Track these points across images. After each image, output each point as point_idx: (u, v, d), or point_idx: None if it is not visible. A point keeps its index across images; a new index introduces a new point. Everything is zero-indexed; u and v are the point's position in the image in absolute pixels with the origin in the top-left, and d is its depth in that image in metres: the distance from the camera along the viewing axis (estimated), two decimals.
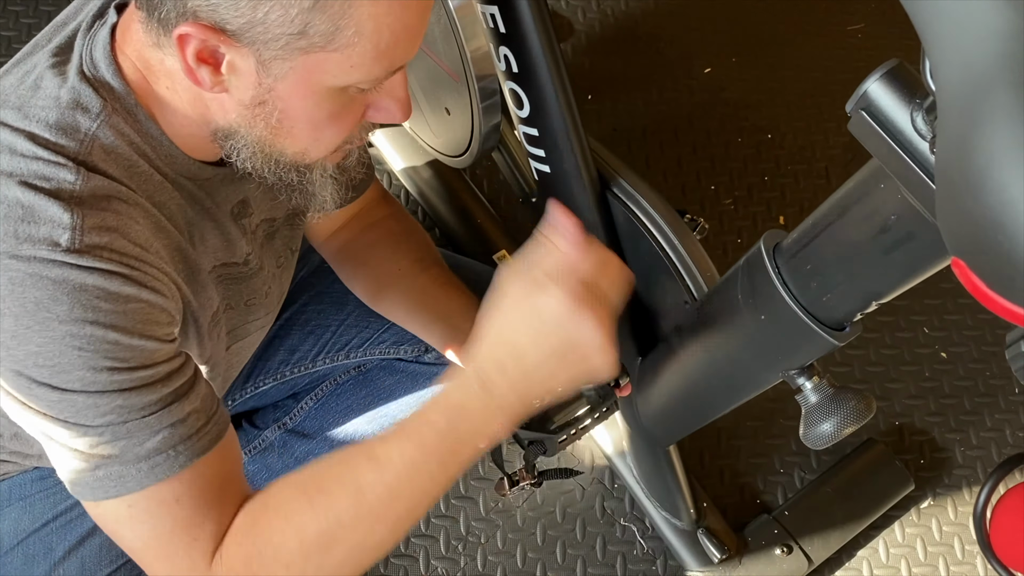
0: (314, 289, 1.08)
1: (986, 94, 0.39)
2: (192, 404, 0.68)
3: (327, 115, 0.65)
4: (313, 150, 0.69)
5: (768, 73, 1.65)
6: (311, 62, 0.61)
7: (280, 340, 1.08)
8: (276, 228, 0.87)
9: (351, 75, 0.62)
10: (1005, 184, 0.37)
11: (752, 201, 1.54)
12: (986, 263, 0.39)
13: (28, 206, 0.61)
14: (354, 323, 1.07)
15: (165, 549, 0.68)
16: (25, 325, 0.62)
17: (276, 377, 1.09)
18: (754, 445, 1.35)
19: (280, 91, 0.63)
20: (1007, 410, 1.40)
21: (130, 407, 0.65)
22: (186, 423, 0.67)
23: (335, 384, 1.11)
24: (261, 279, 0.87)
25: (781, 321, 0.69)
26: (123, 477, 0.66)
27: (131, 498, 0.66)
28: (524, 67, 0.85)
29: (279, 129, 0.66)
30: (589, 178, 0.94)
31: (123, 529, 0.69)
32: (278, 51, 0.60)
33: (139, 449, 0.65)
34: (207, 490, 0.68)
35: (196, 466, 0.67)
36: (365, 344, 1.07)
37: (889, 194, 0.54)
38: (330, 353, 1.08)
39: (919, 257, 0.56)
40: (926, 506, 1.32)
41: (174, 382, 0.67)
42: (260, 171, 0.70)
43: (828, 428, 0.72)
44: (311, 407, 1.11)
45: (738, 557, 1.22)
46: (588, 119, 1.59)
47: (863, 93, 0.51)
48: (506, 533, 1.27)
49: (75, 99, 0.65)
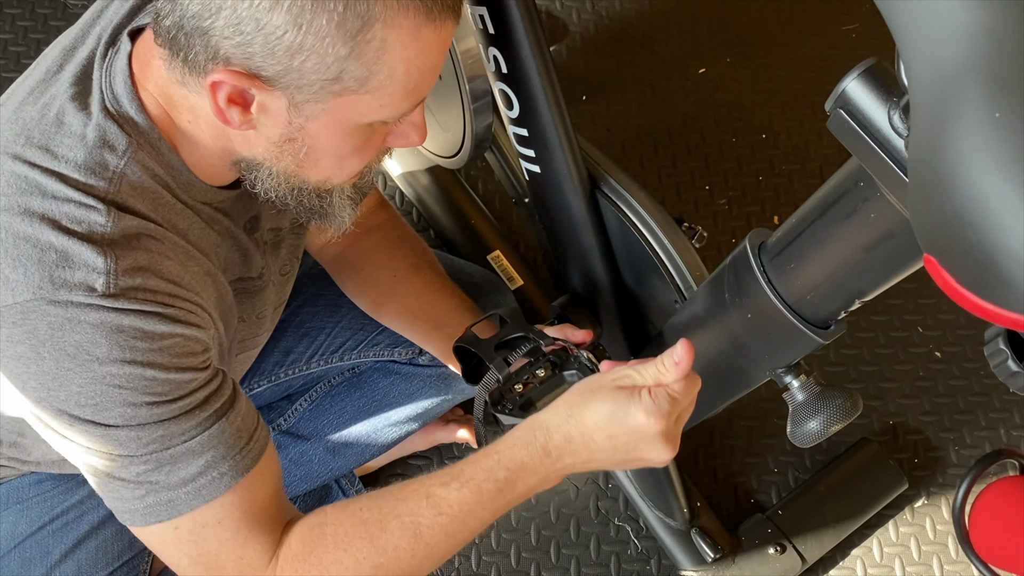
0: (308, 291, 1.08)
1: (956, 92, 0.39)
2: (233, 423, 0.69)
3: (353, 148, 0.67)
4: (335, 178, 0.70)
5: (762, 73, 1.65)
6: (343, 103, 0.62)
7: (274, 342, 1.08)
8: (282, 237, 0.87)
9: (381, 113, 0.64)
10: (974, 181, 0.37)
11: (746, 201, 1.54)
12: (956, 260, 0.39)
13: (62, 251, 0.62)
14: (348, 325, 1.08)
15: (212, 565, 0.70)
16: (66, 368, 0.63)
17: (270, 379, 1.09)
18: (748, 444, 1.35)
19: (310, 129, 0.64)
20: (1001, 409, 1.40)
21: (172, 434, 0.66)
22: (228, 443, 0.69)
23: (329, 386, 1.12)
24: (271, 291, 0.88)
25: (767, 319, 0.69)
26: (172, 502, 0.67)
27: (177, 521, 0.68)
28: (513, 68, 0.86)
29: (305, 162, 0.67)
30: (579, 178, 0.94)
31: (169, 549, 0.70)
32: (312, 95, 0.61)
33: (184, 473, 0.67)
34: (251, 508, 0.70)
35: (240, 485, 0.69)
36: (359, 346, 1.08)
37: (869, 192, 0.55)
38: (324, 355, 1.08)
39: (899, 255, 0.56)
40: (920, 505, 1.33)
41: (212, 404, 0.68)
42: (282, 199, 0.71)
43: (815, 426, 0.73)
44: (305, 408, 1.11)
45: (732, 556, 1.22)
46: (582, 120, 1.60)
47: (841, 92, 0.51)
48: (500, 533, 1.28)
49: (102, 136, 0.65)
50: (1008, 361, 0.50)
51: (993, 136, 0.37)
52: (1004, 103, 0.37)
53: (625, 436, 0.69)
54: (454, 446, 1.32)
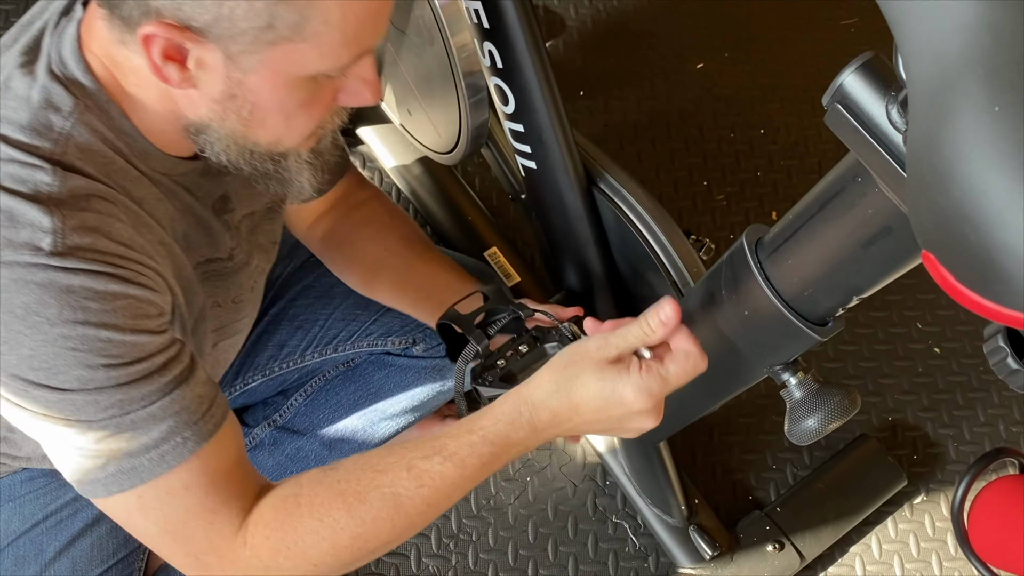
0: (301, 284, 1.08)
1: (955, 86, 0.38)
2: (193, 390, 0.68)
3: (298, 104, 0.65)
4: (286, 138, 0.69)
5: (761, 68, 1.65)
6: (279, 53, 0.60)
7: (268, 336, 1.07)
8: (257, 221, 0.86)
9: (320, 63, 0.62)
10: (972, 176, 0.37)
11: (745, 197, 1.53)
12: (954, 256, 0.39)
13: (7, 211, 0.61)
14: (341, 316, 1.07)
15: (181, 533, 0.68)
16: (16, 330, 0.62)
17: (265, 373, 1.09)
18: (746, 441, 1.35)
19: (250, 84, 0.62)
20: (1000, 405, 1.39)
21: (130, 399, 0.65)
22: (189, 409, 0.67)
23: (324, 380, 1.11)
24: (247, 274, 0.87)
25: (763, 316, 0.69)
26: (135, 469, 0.66)
27: (141, 489, 0.67)
28: (508, 63, 0.85)
29: (251, 121, 0.65)
30: (575, 174, 0.93)
31: (135, 520, 0.69)
32: (246, 45, 0.59)
33: (145, 439, 0.65)
34: (217, 474, 0.69)
35: (203, 451, 0.68)
36: (353, 337, 1.07)
37: (866, 188, 0.54)
38: (318, 348, 1.08)
39: (897, 251, 0.55)
40: (919, 502, 1.32)
41: (172, 370, 0.67)
42: (235, 163, 0.69)
43: (813, 424, 0.72)
44: (300, 403, 1.11)
45: (730, 554, 1.21)
46: (580, 115, 1.59)
47: (838, 86, 0.51)
48: (497, 530, 1.27)
49: (46, 98, 0.64)
50: (1008, 359, 0.49)
51: (992, 130, 0.36)
52: (1004, 97, 0.37)
53: (611, 410, 0.68)
54: None
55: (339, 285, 1.07)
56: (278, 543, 0.68)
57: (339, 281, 1.07)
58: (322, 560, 0.69)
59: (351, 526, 0.68)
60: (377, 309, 1.07)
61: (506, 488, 1.30)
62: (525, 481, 1.30)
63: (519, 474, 1.31)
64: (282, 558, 0.68)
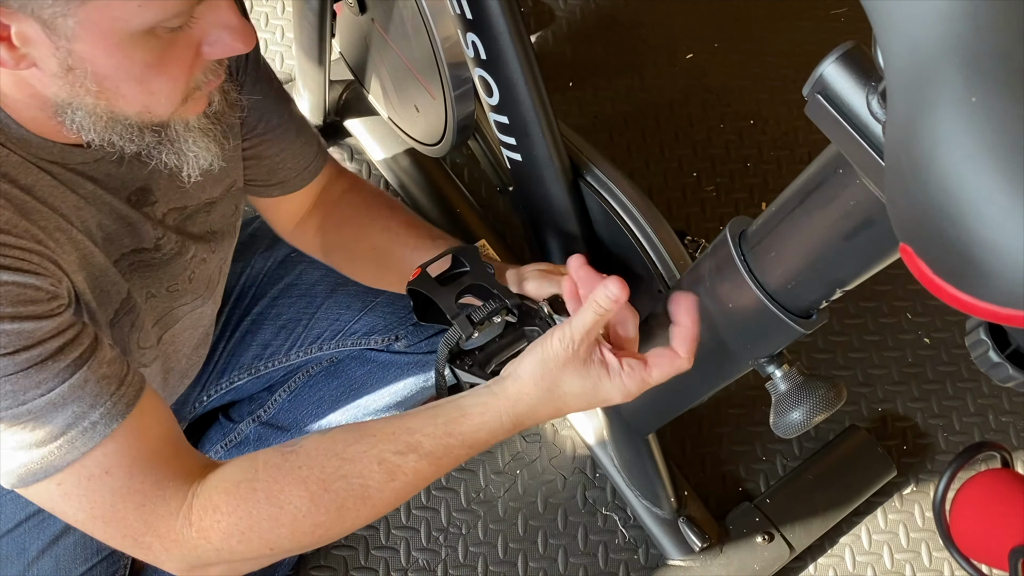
0: (282, 281, 1.07)
1: (932, 76, 0.38)
2: (97, 371, 0.65)
3: (144, 65, 0.60)
4: (155, 106, 0.64)
5: (750, 59, 1.64)
6: (93, 11, 0.56)
7: (252, 335, 1.07)
8: (189, 215, 0.83)
9: (145, 14, 0.57)
10: (950, 168, 0.36)
11: (735, 188, 1.53)
12: (932, 250, 0.38)
13: None
14: (324, 316, 1.07)
15: (112, 518, 0.66)
16: None
17: (250, 372, 1.08)
18: (736, 433, 1.35)
19: (80, 52, 0.58)
20: (990, 395, 1.39)
21: (23, 388, 0.62)
22: (94, 392, 0.64)
23: (307, 376, 1.11)
24: (181, 264, 0.84)
25: (747, 309, 0.68)
26: (45, 459, 0.63)
27: (59, 477, 0.64)
28: (492, 54, 0.84)
29: (103, 92, 0.62)
30: (561, 166, 0.93)
31: (60, 507, 0.66)
32: (56, 9, 0.55)
33: (50, 428, 0.63)
34: (140, 454, 0.66)
35: (117, 432, 0.65)
36: (337, 336, 1.07)
37: (848, 179, 0.53)
38: (303, 346, 1.07)
39: (879, 243, 0.55)
40: (909, 492, 1.32)
41: (69, 354, 0.64)
42: (109, 140, 0.66)
43: (798, 417, 0.72)
44: (284, 399, 1.11)
45: (719, 545, 1.21)
46: (569, 107, 1.58)
47: (819, 76, 0.50)
48: (487, 523, 1.27)
49: None
50: (989, 352, 0.49)
51: (970, 121, 0.36)
52: (982, 87, 0.36)
53: (593, 399, 0.69)
54: None
55: (321, 283, 1.06)
56: (230, 528, 0.66)
57: (321, 278, 1.07)
58: (279, 544, 0.67)
59: (314, 514, 0.66)
60: (360, 308, 1.06)
61: (496, 481, 1.29)
62: (515, 474, 1.30)
63: (509, 467, 1.30)
64: (235, 542, 0.66)
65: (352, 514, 0.67)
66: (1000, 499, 0.54)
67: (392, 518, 1.26)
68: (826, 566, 1.27)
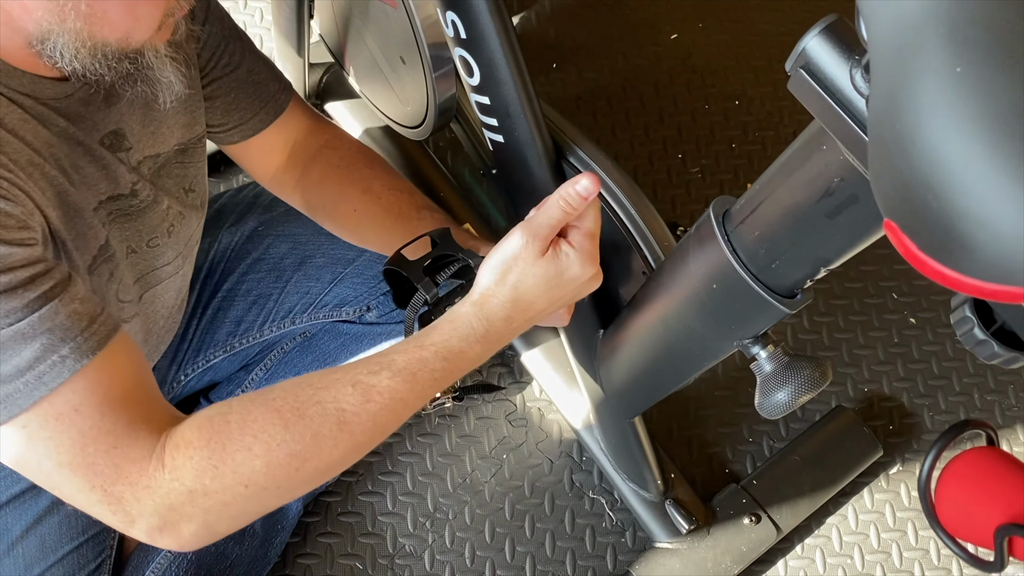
0: (251, 257, 1.07)
1: (916, 48, 0.37)
2: (68, 306, 0.63)
3: None
4: (135, 31, 0.65)
5: (735, 39, 1.63)
6: None
7: (224, 312, 1.07)
8: (162, 163, 0.83)
9: None
10: (934, 142, 0.35)
11: (720, 169, 1.52)
12: (916, 224, 0.37)
13: None
14: (294, 289, 1.06)
15: (81, 464, 0.62)
16: None
17: (226, 349, 1.08)
18: (722, 415, 1.34)
19: None
20: (976, 374, 1.39)
21: None
22: (64, 326, 0.62)
23: (282, 352, 1.11)
24: (158, 214, 0.83)
25: (732, 289, 0.68)
26: (11, 396, 0.60)
27: (24, 418, 0.61)
28: (472, 32, 0.83)
29: (92, 16, 0.62)
30: (544, 147, 0.91)
31: (26, 456, 0.63)
32: None
33: (17, 360, 0.60)
34: (111, 393, 0.63)
35: (88, 370, 0.62)
36: (308, 309, 1.07)
37: (832, 156, 0.53)
38: (275, 321, 1.07)
39: (863, 220, 0.54)
40: (895, 472, 1.32)
41: (39, 286, 0.62)
42: (90, 69, 0.65)
43: (783, 397, 0.71)
44: (262, 378, 1.10)
45: (706, 527, 1.21)
46: (553, 88, 1.57)
47: (801, 50, 0.49)
48: (474, 509, 1.26)
49: None
50: (974, 329, 0.48)
51: (954, 93, 0.35)
52: (965, 57, 0.35)
53: (563, 290, 0.71)
54: (426, 420, 1.31)
55: (288, 256, 1.06)
56: (203, 462, 0.63)
57: (288, 251, 1.06)
58: (254, 480, 0.64)
59: (288, 442, 0.63)
60: (329, 280, 1.06)
61: (482, 466, 1.29)
62: (501, 459, 1.29)
63: (495, 452, 1.30)
64: (208, 479, 0.63)
65: (329, 442, 0.64)
66: (985, 477, 0.53)
67: (378, 505, 1.25)
68: (813, 546, 1.27)
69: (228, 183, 1.46)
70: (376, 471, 1.27)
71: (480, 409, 1.32)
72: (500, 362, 1.35)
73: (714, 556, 1.20)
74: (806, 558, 1.26)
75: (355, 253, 1.07)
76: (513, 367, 1.35)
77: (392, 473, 1.28)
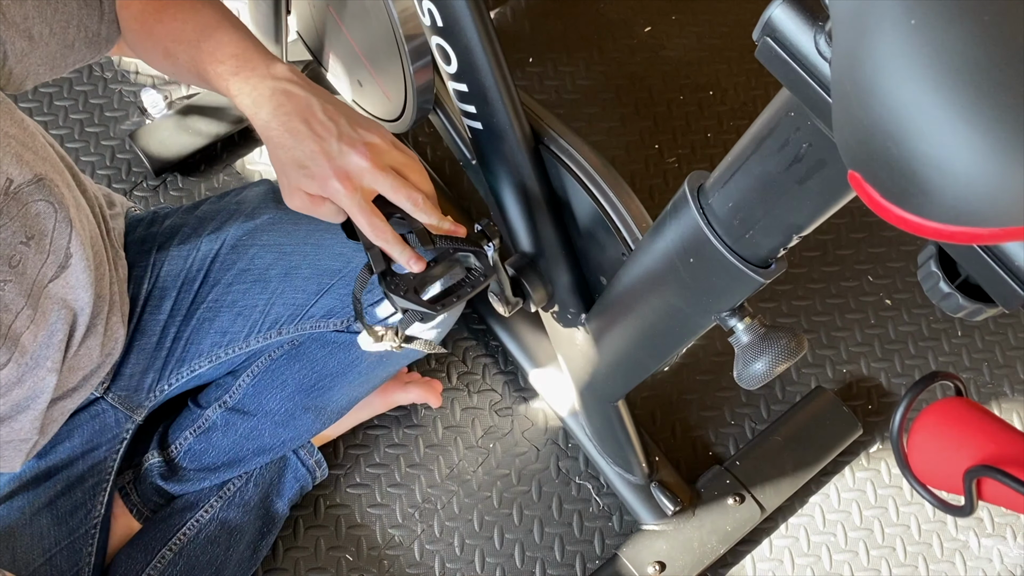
0: (235, 267, 1.05)
1: (872, 3, 0.38)
2: None
3: None
4: None
5: (708, 30, 1.65)
6: None
7: (209, 323, 1.06)
8: None
9: None
10: (891, 91, 0.37)
11: (696, 158, 1.54)
12: (878, 172, 0.39)
13: None
14: (280, 300, 1.05)
15: None
16: None
17: (211, 359, 1.07)
18: (704, 398, 1.36)
19: None
20: (950, 352, 1.42)
21: None
22: None
23: (270, 360, 1.10)
24: None
25: (708, 261, 0.69)
26: None
27: None
28: (448, 20, 0.84)
29: None
30: (522, 133, 0.93)
31: None
32: None
33: None
34: None
35: None
36: (295, 320, 1.06)
37: (799, 122, 0.54)
38: (261, 332, 1.06)
39: (832, 183, 0.56)
40: (875, 450, 1.35)
41: None
42: None
43: (761, 367, 0.73)
44: (248, 384, 1.10)
45: (691, 509, 1.23)
46: (530, 82, 1.58)
47: (767, 19, 0.51)
48: (462, 498, 1.27)
49: None
50: (940, 283, 0.50)
51: (908, 44, 0.37)
52: (919, 10, 0.37)
53: None
54: (412, 412, 1.32)
55: (274, 267, 1.05)
56: None
57: (274, 262, 1.05)
58: None
59: None
60: (315, 291, 1.05)
61: (469, 456, 1.30)
62: (488, 448, 1.31)
63: (482, 441, 1.31)
64: None
65: None
66: (954, 425, 0.55)
67: (366, 497, 1.26)
68: (797, 525, 1.29)
69: (209, 182, 1.47)
70: (363, 464, 1.28)
71: (466, 400, 1.33)
72: (484, 352, 1.37)
73: (700, 536, 1.21)
74: (791, 536, 1.28)
75: (341, 263, 1.06)
76: (497, 357, 1.36)
77: (380, 465, 1.28)
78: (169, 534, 1.07)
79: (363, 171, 0.79)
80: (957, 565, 1.27)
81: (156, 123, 1.45)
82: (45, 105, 1.51)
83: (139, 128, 1.45)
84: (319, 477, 1.21)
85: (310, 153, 0.78)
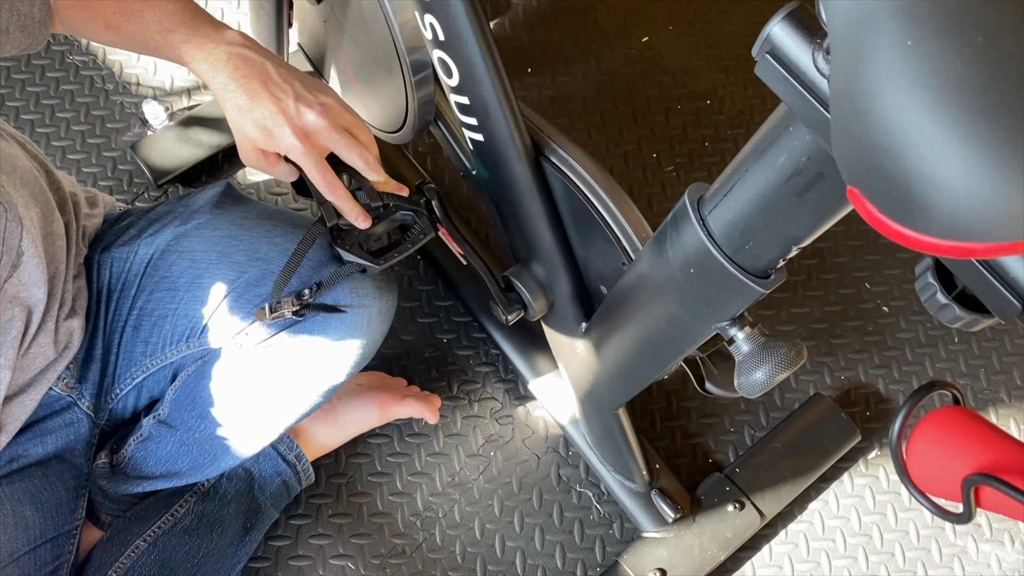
0: (157, 274, 1.02)
1: (870, 24, 0.39)
2: None
3: None
4: None
5: (705, 39, 1.67)
6: None
7: (137, 332, 1.04)
8: None
9: None
10: (889, 110, 0.38)
11: (694, 167, 1.55)
12: (877, 188, 0.40)
13: None
14: (184, 312, 1.01)
15: None
16: None
17: (144, 370, 1.06)
18: (704, 406, 1.37)
19: None
20: (947, 359, 1.43)
21: None
22: None
23: (186, 375, 1.07)
24: None
25: (709, 272, 0.70)
26: None
27: None
28: (450, 34, 0.85)
29: None
30: (523, 145, 0.94)
31: None
32: None
33: None
34: None
35: None
36: (200, 334, 1.02)
37: (798, 136, 0.55)
38: (172, 344, 1.03)
39: (830, 196, 0.57)
40: (873, 456, 1.36)
41: None
42: None
43: (761, 376, 0.74)
44: (171, 398, 1.08)
45: (692, 516, 1.24)
46: (529, 92, 1.60)
47: (766, 36, 0.52)
48: (463, 506, 1.28)
49: None
50: (937, 294, 0.51)
51: (905, 64, 0.38)
52: (915, 31, 0.38)
53: None
54: (413, 421, 1.32)
55: (183, 275, 1.01)
56: None
57: (185, 270, 1.01)
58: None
59: None
60: (214, 305, 1.00)
61: (470, 464, 1.31)
62: (489, 456, 1.31)
63: (483, 450, 1.32)
64: None
65: None
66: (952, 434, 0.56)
67: (368, 505, 1.27)
68: (797, 531, 1.30)
69: None
70: (365, 472, 1.29)
71: (466, 408, 1.34)
72: (485, 361, 1.37)
73: (700, 543, 1.22)
74: (790, 543, 1.29)
75: (236, 274, 0.99)
76: (498, 365, 1.37)
77: (382, 474, 1.29)
78: (144, 528, 1.08)
79: (320, 129, 0.82)
80: (956, 570, 1.28)
81: (158, 134, 1.46)
82: (47, 117, 1.52)
83: (141, 139, 1.46)
84: (302, 471, 1.20)
85: (269, 112, 0.81)
